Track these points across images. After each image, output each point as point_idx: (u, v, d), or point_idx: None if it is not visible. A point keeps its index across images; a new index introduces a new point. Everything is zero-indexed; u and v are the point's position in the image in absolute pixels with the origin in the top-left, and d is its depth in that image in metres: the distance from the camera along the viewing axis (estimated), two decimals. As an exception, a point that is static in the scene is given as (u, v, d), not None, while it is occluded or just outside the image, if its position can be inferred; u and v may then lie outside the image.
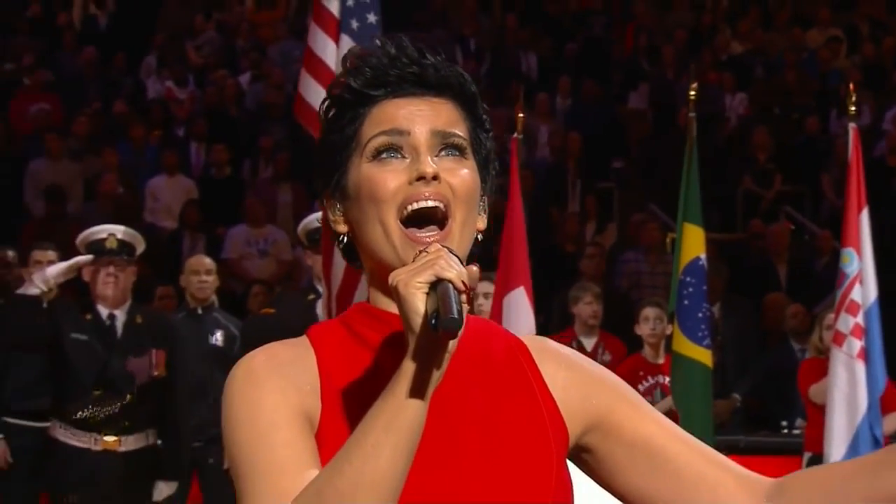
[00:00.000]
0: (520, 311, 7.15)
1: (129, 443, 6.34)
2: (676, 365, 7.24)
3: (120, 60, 15.07)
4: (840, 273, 7.16)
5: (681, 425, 6.74)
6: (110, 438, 6.32)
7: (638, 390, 6.89)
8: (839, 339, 7.02)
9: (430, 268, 1.63)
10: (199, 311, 7.86)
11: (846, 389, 6.96)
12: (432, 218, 1.80)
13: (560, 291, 9.89)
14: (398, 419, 1.64)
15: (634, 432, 1.92)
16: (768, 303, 10.78)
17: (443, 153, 1.84)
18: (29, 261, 7.55)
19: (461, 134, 1.87)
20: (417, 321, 1.61)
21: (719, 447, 7.34)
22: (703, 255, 7.29)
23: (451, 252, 1.69)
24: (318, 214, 6.37)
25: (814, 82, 15.29)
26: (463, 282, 1.63)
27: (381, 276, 1.78)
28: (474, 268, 1.69)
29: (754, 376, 9.62)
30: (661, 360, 7.85)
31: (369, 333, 1.85)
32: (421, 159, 1.81)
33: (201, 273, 7.91)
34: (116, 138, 13.45)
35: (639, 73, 15.63)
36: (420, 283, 1.62)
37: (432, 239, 1.78)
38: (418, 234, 1.79)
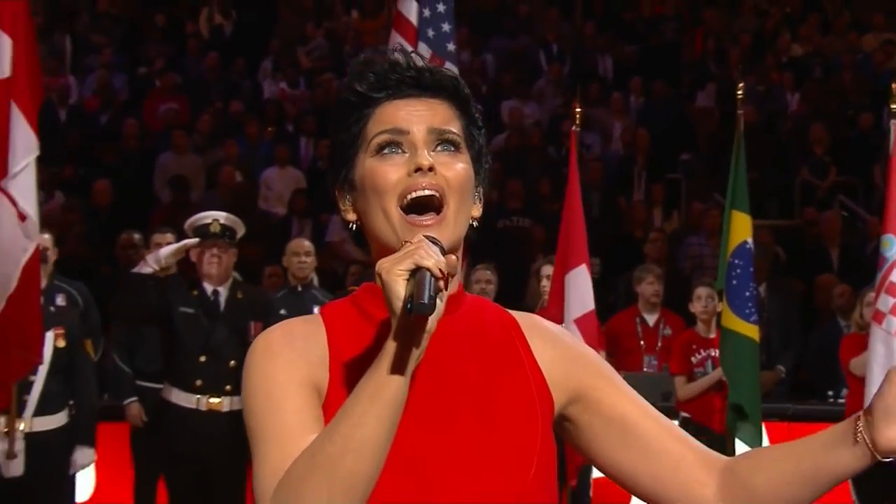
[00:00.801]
0: (580, 286, 7.16)
1: (232, 404, 6.45)
2: (725, 339, 7.19)
3: (240, 65, 15.21)
4: (881, 257, 7.09)
5: (730, 394, 6.66)
6: (215, 400, 6.43)
7: (691, 362, 6.86)
8: (879, 317, 6.95)
9: (410, 257, 1.66)
10: (299, 289, 7.94)
11: (884, 363, 6.87)
12: (430, 205, 1.83)
13: (627, 272, 9.86)
14: (381, 392, 1.67)
15: (612, 408, 1.94)
16: (819, 283, 10.68)
17: (439, 148, 1.87)
18: (150, 243, 7.69)
19: (455, 131, 1.89)
20: (398, 305, 1.64)
21: (769, 415, 7.26)
22: (749, 240, 7.24)
23: (435, 242, 1.72)
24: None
25: (868, 82, 15.01)
26: (440, 269, 1.66)
27: None
28: (453, 257, 1.72)
29: (797, 350, 9.55)
30: (712, 335, 7.79)
31: (374, 311, 1.88)
32: (419, 153, 1.84)
33: (301, 254, 8.00)
34: (235, 134, 13.59)
35: (706, 75, 15.45)
36: (401, 270, 1.65)
37: (429, 223, 1.81)
38: (417, 220, 1.82)
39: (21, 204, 5.46)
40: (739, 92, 7.39)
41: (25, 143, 5.48)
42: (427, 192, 1.82)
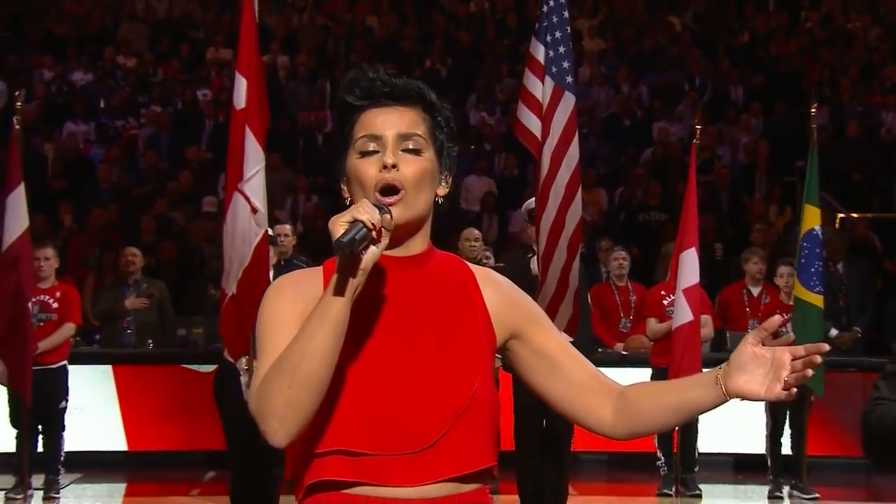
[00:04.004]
0: (690, 264, 7.13)
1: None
2: (796, 306, 7.10)
3: (452, 98, 15.51)
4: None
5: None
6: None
7: (773, 323, 6.67)
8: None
9: (350, 212, 1.76)
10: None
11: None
12: (392, 190, 1.88)
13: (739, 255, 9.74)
14: (327, 313, 1.77)
15: (541, 346, 2.00)
16: (902, 262, 10.37)
17: (404, 148, 1.91)
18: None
19: (419, 133, 1.92)
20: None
21: (848, 366, 7.20)
22: (817, 228, 7.13)
23: (381, 208, 1.80)
24: (533, 199, 6.50)
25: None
26: (373, 223, 1.75)
27: None
28: (388, 216, 1.80)
29: (871, 315, 9.26)
30: (791, 302, 7.68)
31: None
32: (387, 154, 1.90)
33: (471, 240, 8.22)
34: (446, 152, 13.84)
35: (821, 98, 14.92)
36: (342, 221, 1.74)
37: (391, 202, 1.87)
38: (384, 199, 1.87)
39: (253, 200, 5.76)
40: (813, 110, 7.23)
41: (255, 156, 5.79)
42: (390, 182, 1.89)
